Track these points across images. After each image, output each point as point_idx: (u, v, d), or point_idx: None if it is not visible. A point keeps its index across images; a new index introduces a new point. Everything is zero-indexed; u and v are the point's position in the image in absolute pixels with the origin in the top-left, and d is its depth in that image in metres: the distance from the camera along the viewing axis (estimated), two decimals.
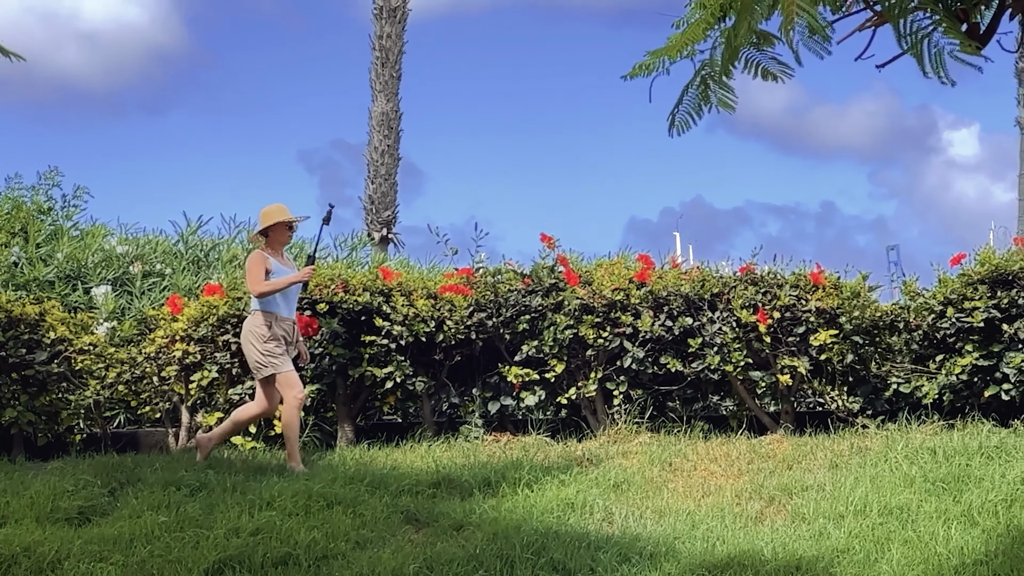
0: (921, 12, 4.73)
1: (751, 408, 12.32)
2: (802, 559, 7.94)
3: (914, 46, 4.66)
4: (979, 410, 11.72)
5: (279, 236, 11.29)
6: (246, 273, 11.06)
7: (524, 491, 9.77)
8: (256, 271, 10.97)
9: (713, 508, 9.35)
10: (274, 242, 11.26)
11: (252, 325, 11.01)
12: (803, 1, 4.54)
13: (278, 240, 11.29)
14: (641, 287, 12.21)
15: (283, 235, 11.33)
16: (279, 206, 11.31)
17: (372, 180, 30.23)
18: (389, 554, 8.20)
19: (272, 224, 11.21)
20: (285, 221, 11.26)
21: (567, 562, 8.03)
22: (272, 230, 11.23)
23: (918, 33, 4.65)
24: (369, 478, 9.98)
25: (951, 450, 10.24)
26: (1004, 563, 7.62)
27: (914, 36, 4.65)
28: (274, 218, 11.22)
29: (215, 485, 9.70)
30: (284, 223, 11.26)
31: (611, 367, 12.15)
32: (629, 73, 5.49)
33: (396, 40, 30.41)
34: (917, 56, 4.68)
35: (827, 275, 12.43)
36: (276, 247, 11.27)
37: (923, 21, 4.70)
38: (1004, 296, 11.71)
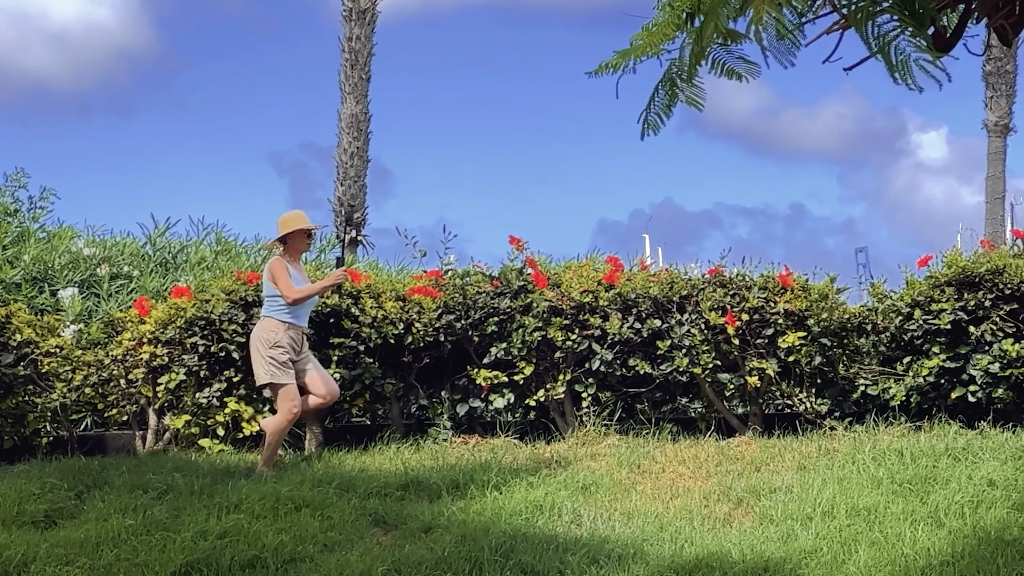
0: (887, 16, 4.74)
1: (719, 410, 12.34)
2: (770, 561, 7.96)
3: (881, 50, 4.67)
4: (946, 412, 11.76)
5: (297, 244, 11.25)
6: (273, 280, 10.97)
7: (492, 493, 9.76)
8: (286, 277, 10.92)
9: (681, 510, 9.36)
10: (292, 250, 11.22)
11: (261, 331, 11.00)
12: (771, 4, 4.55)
13: (296, 248, 11.26)
14: (610, 289, 12.22)
15: (301, 243, 11.29)
16: (298, 213, 11.28)
17: (341, 182, 30.16)
18: (357, 557, 8.19)
19: (291, 231, 11.16)
20: (304, 229, 11.21)
21: (535, 564, 8.02)
22: (291, 237, 11.19)
23: (884, 38, 4.66)
24: (337, 480, 9.96)
25: (918, 452, 10.28)
26: (970, 564, 7.65)
27: (880, 40, 4.66)
28: (293, 225, 11.16)
29: (182, 488, 9.67)
30: (303, 231, 11.21)
31: (579, 369, 12.15)
32: (595, 70, 5.49)
33: (365, 42, 30.34)
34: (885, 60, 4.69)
35: (795, 277, 12.45)
36: (294, 255, 11.24)
37: (889, 26, 4.71)
38: (971, 298, 11.75)
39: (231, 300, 12.08)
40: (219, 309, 12.00)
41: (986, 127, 34.30)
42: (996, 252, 12.33)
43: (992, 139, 34.26)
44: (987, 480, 9.38)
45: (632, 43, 5.32)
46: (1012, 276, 11.69)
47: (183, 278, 16.43)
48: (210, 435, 11.95)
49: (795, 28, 5.27)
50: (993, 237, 29.34)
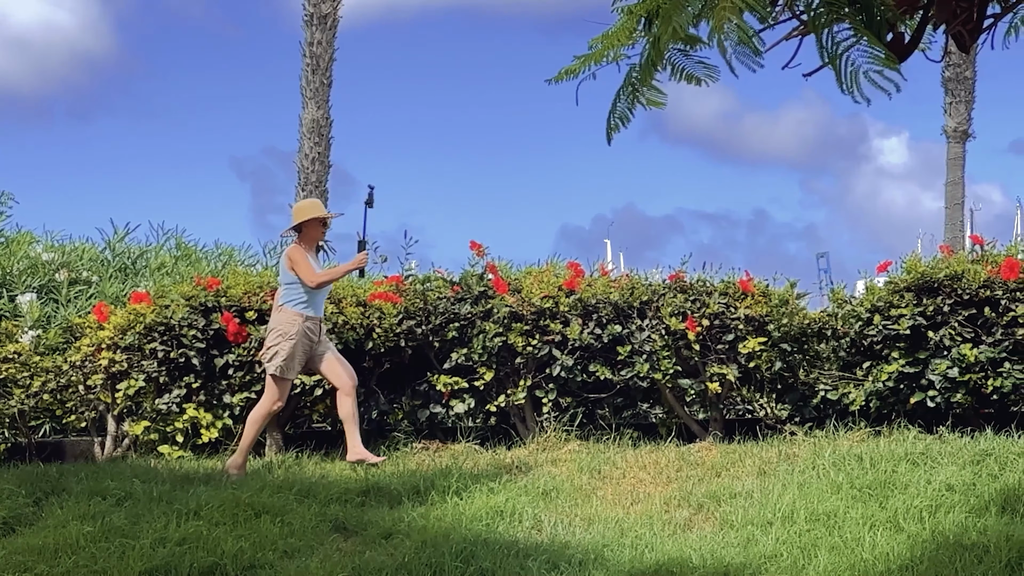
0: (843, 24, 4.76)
1: (680, 416, 12.35)
2: (730, 566, 7.98)
3: (832, 60, 4.69)
4: (905, 417, 11.79)
5: (312, 233, 11.23)
6: (293, 266, 10.94)
7: (453, 499, 9.75)
8: (306, 262, 10.90)
9: (642, 515, 9.38)
10: (307, 238, 11.20)
11: (280, 320, 10.96)
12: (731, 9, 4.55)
13: (311, 237, 11.24)
14: (570, 295, 12.22)
15: (316, 232, 11.27)
16: (313, 201, 11.31)
17: (303, 187, 30.05)
18: (317, 563, 8.17)
19: (306, 220, 11.14)
20: (319, 217, 11.20)
21: (496, 570, 8.03)
22: (306, 226, 11.18)
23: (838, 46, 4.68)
24: (297, 486, 9.93)
25: (878, 456, 10.31)
26: (929, 568, 7.69)
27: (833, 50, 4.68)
28: (308, 214, 11.16)
29: (141, 495, 9.62)
30: (318, 219, 11.20)
31: (540, 375, 12.14)
32: (555, 77, 5.49)
33: (327, 47, 30.26)
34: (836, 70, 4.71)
35: (756, 283, 12.47)
36: (309, 244, 11.21)
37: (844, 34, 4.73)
38: (930, 304, 11.79)
39: (191, 306, 12.03)
40: (179, 315, 11.95)
41: (945, 133, 34.46)
42: (955, 258, 12.39)
43: (951, 145, 34.42)
44: (945, 484, 9.42)
45: (591, 47, 5.32)
46: (970, 281, 11.74)
47: (143, 284, 16.35)
48: (169, 441, 11.91)
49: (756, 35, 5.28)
50: (953, 243, 29.49)
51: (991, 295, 11.71)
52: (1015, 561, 7.74)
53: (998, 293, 11.69)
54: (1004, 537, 8.02)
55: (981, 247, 12.66)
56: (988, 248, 12.58)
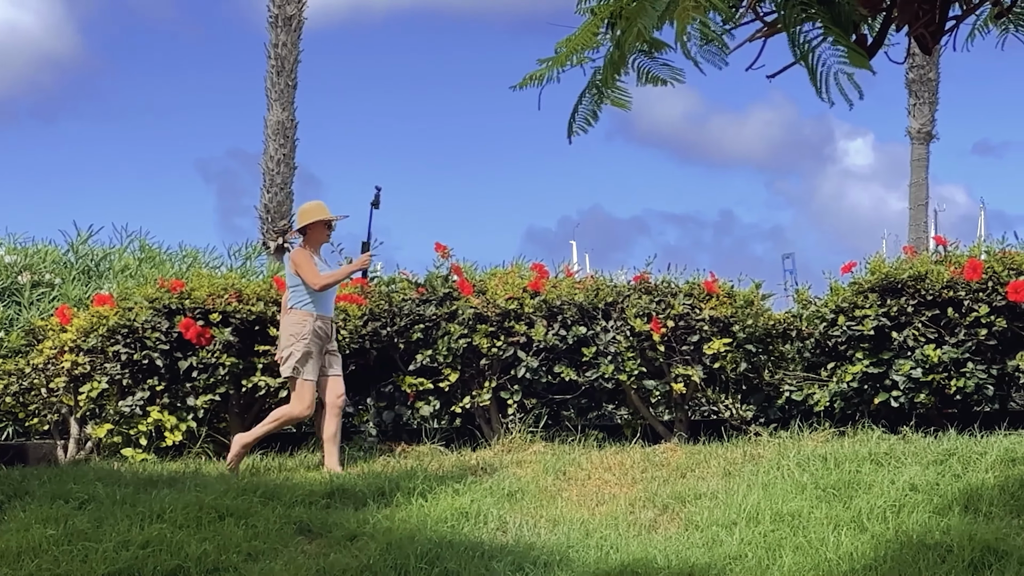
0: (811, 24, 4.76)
1: (645, 417, 12.36)
2: (695, 567, 7.99)
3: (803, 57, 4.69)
4: (869, 417, 11.83)
5: (317, 235, 11.27)
6: (297, 269, 10.97)
7: (418, 501, 9.73)
8: (311, 265, 10.92)
9: (607, 517, 9.37)
10: (312, 240, 11.24)
11: (290, 323, 11.01)
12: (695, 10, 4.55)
13: (316, 239, 11.29)
14: (535, 296, 12.22)
15: (321, 234, 11.31)
16: (318, 203, 11.27)
17: (268, 189, 30.00)
18: (281, 566, 8.15)
19: (311, 222, 11.11)
20: (324, 219, 11.17)
21: (461, 572, 8.03)
22: (310, 228, 11.21)
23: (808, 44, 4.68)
24: (262, 489, 9.90)
25: (842, 457, 10.33)
26: (893, 568, 7.71)
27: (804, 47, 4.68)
28: (313, 216, 11.17)
29: (104, 498, 9.57)
30: (323, 222, 11.19)
31: (505, 376, 12.14)
32: (519, 83, 5.48)
33: (292, 49, 30.20)
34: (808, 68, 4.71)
35: (721, 284, 12.49)
36: (314, 246, 11.27)
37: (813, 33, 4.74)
38: (894, 304, 11.83)
39: (154, 308, 11.98)
40: (142, 317, 11.91)
41: (909, 134, 34.63)
42: (918, 258, 12.43)
43: (915, 146, 34.60)
44: (909, 484, 9.45)
45: (556, 51, 5.31)
46: (934, 282, 11.79)
47: (106, 286, 16.27)
48: (133, 444, 11.86)
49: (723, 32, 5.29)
50: (917, 244, 29.62)
51: (954, 296, 11.76)
52: (978, 560, 7.77)
53: (961, 294, 11.74)
54: (967, 536, 8.05)
55: (944, 248, 12.71)
56: (951, 249, 12.63)
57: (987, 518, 8.64)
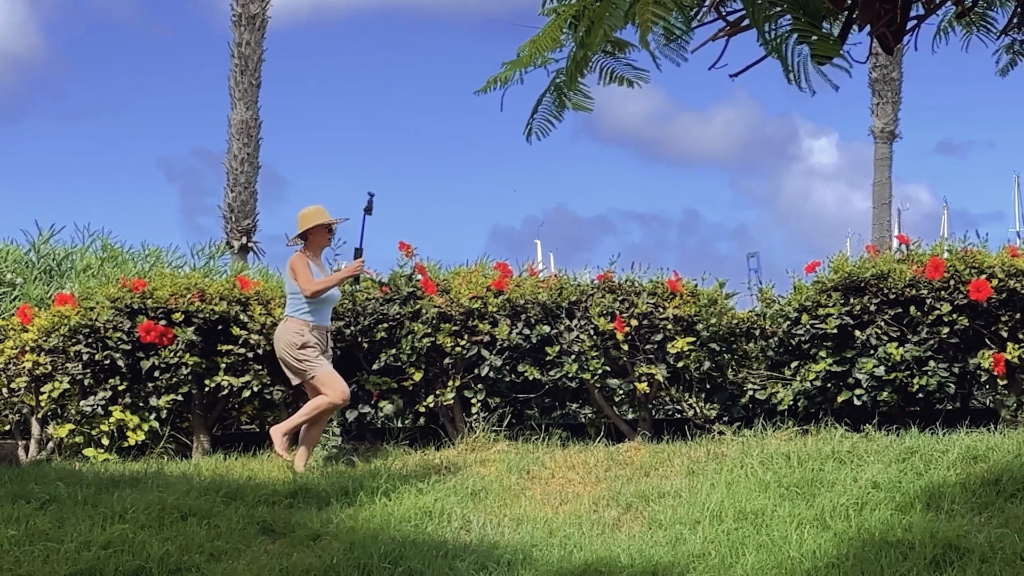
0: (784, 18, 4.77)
1: (609, 416, 12.36)
2: (658, 565, 8.01)
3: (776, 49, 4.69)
4: (832, 415, 11.86)
5: (318, 239, 11.23)
6: (293, 275, 10.95)
7: (382, 500, 9.73)
8: (306, 271, 10.88)
9: (571, 515, 9.39)
10: (313, 245, 11.20)
11: (285, 332, 10.95)
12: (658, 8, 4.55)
13: (317, 244, 11.24)
14: (499, 295, 12.21)
15: (322, 238, 11.27)
16: (318, 208, 11.21)
17: (231, 188, 29.98)
18: (244, 566, 8.15)
19: (311, 227, 11.08)
20: (325, 223, 11.14)
21: (424, 571, 8.04)
22: (311, 233, 11.15)
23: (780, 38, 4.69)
24: (225, 489, 9.88)
25: (805, 455, 10.37)
26: (855, 566, 7.75)
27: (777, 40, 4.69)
28: (313, 221, 11.12)
29: (66, 498, 9.53)
30: (323, 226, 11.16)
31: (469, 375, 12.12)
32: (482, 87, 5.47)
33: (255, 48, 30.17)
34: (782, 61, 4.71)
35: (685, 283, 12.51)
36: (315, 251, 11.22)
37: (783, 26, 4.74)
38: (857, 303, 11.87)
39: (116, 308, 11.93)
40: (104, 317, 11.86)
41: (873, 133, 34.76)
42: (881, 257, 12.48)
43: (879, 145, 34.74)
44: (872, 482, 9.49)
45: (519, 54, 5.31)
46: (896, 281, 11.83)
47: (68, 285, 16.19)
48: (94, 444, 11.81)
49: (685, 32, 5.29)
50: (880, 242, 29.72)
51: (916, 294, 11.82)
52: (939, 557, 7.82)
53: (923, 292, 11.79)
54: (929, 534, 8.09)
55: (907, 247, 12.76)
56: (914, 248, 12.68)
57: (948, 516, 8.68)
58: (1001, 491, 9.14)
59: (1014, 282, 11.72)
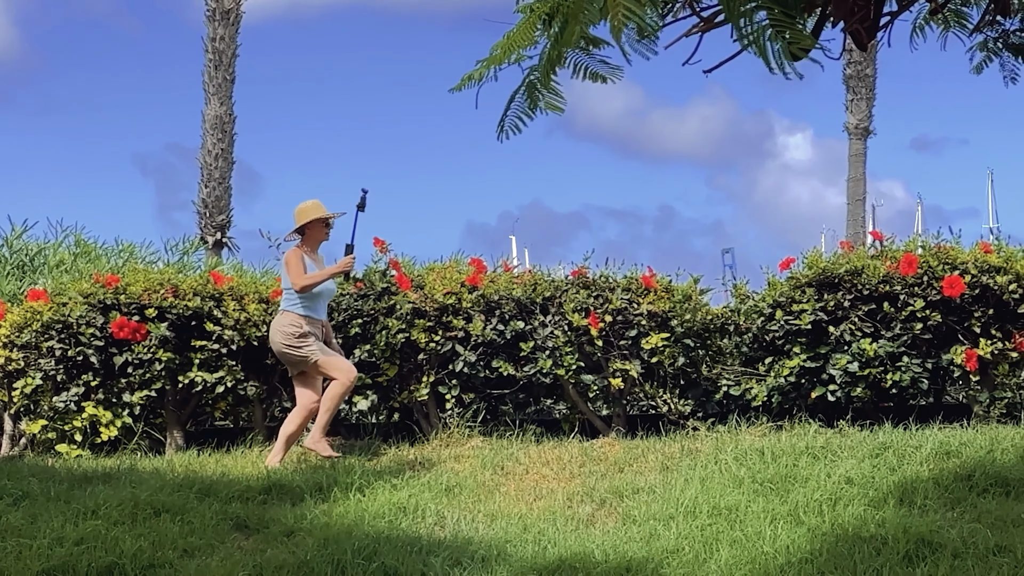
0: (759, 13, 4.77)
1: (583, 411, 12.37)
2: (632, 561, 8.01)
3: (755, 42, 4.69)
4: (806, 411, 11.89)
5: (315, 234, 11.22)
6: (286, 269, 10.95)
7: (356, 496, 9.71)
8: (297, 266, 10.87)
9: (545, 511, 9.38)
10: (310, 240, 11.20)
11: (281, 325, 10.94)
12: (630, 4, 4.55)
13: (314, 238, 11.23)
14: (473, 291, 12.20)
15: (320, 233, 11.25)
16: (315, 202, 11.19)
17: (206, 184, 29.95)
18: (217, 562, 8.12)
19: (308, 222, 11.07)
20: (322, 218, 11.13)
21: (399, 567, 8.01)
22: (308, 228, 11.15)
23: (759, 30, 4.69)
24: (198, 485, 9.84)
25: (779, 451, 10.39)
26: (828, 560, 7.76)
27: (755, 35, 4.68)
28: (310, 215, 11.12)
29: (38, 494, 9.49)
30: (320, 220, 11.14)
31: (443, 371, 12.12)
32: (457, 85, 5.46)
33: (229, 43, 30.14)
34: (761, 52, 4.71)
35: (659, 279, 12.52)
36: (312, 245, 11.22)
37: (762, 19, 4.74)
38: (831, 299, 11.90)
39: (89, 303, 11.89)
40: (77, 312, 11.82)
41: (847, 130, 34.86)
42: (855, 253, 12.51)
43: (853, 142, 34.84)
44: (845, 478, 9.51)
45: (492, 52, 5.30)
46: (870, 277, 11.87)
47: (41, 281, 16.15)
48: (67, 440, 11.77)
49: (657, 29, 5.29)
50: (854, 238, 29.83)
51: (890, 290, 11.86)
52: (912, 553, 7.83)
53: (897, 288, 11.83)
54: (902, 529, 8.11)
55: (881, 243, 12.79)
56: (888, 244, 12.71)
57: (921, 511, 8.71)
58: (973, 486, 9.18)
59: (987, 278, 11.77)
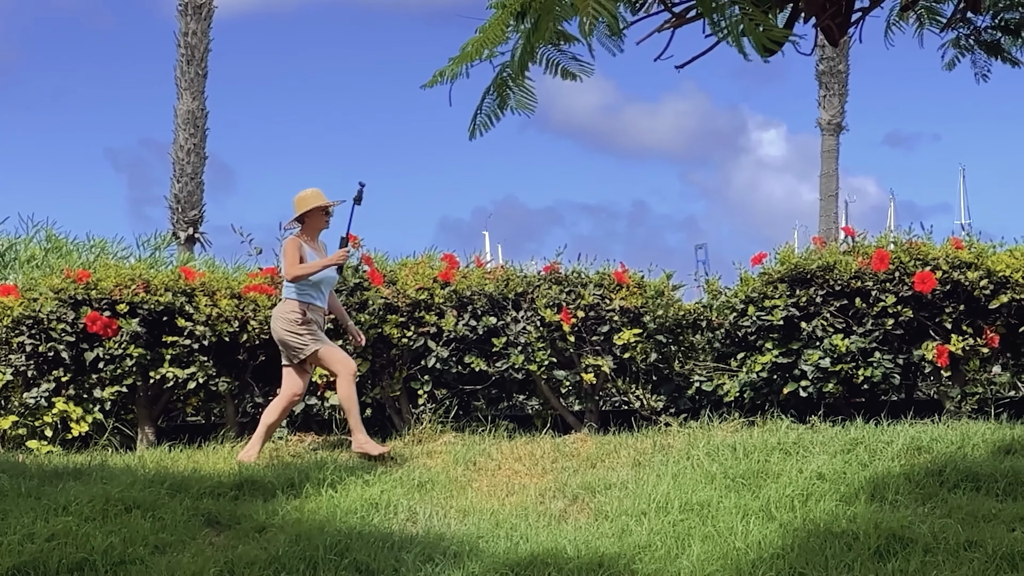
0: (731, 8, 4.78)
1: (555, 407, 12.37)
2: (604, 556, 8.02)
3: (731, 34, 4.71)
4: (778, 407, 11.91)
5: (315, 222, 11.21)
6: (282, 257, 11.01)
7: (328, 491, 9.70)
8: (292, 255, 10.86)
9: (517, 507, 9.39)
10: (310, 229, 11.20)
11: (283, 311, 10.94)
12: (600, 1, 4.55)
13: (314, 227, 11.23)
14: (445, 286, 12.19)
15: (319, 221, 11.24)
16: (315, 191, 11.17)
17: (178, 179, 29.86)
18: (189, 558, 8.09)
19: (308, 210, 11.07)
20: (322, 206, 11.12)
21: (371, 563, 8.01)
22: (308, 216, 11.15)
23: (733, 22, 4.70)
24: (169, 481, 9.81)
25: (751, 447, 10.41)
26: (800, 556, 7.78)
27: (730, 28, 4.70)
28: (310, 204, 11.12)
29: (8, 490, 9.43)
30: (320, 208, 11.13)
31: (416, 366, 12.11)
32: (428, 82, 5.47)
33: (202, 37, 30.06)
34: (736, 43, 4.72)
35: (631, 274, 12.53)
36: (312, 234, 11.21)
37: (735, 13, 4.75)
38: (803, 295, 11.93)
39: (60, 299, 11.83)
40: (47, 308, 11.76)
41: (820, 125, 34.93)
42: (827, 249, 12.54)
43: (825, 137, 34.92)
44: (817, 473, 9.54)
45: (463, 50, 5.30)
46: (842, 272, 11.90)
47: (12, 276, 16.09)
48: (38, 436, 11.71)
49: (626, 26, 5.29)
50: (827, 234, 29.90)
51: (862, 286, 11.89)
52: (883, 548, 7.87)
53: (868, 284, 11.86)
54: (873, 524, 8.15)
55: (853, 238, 12.82)
56: (859, 239, 12.74)
57: (893, 506, 8.74)
58: (944, 482, 9.21)
59: (958, 274, 11.81)
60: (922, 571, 7.57)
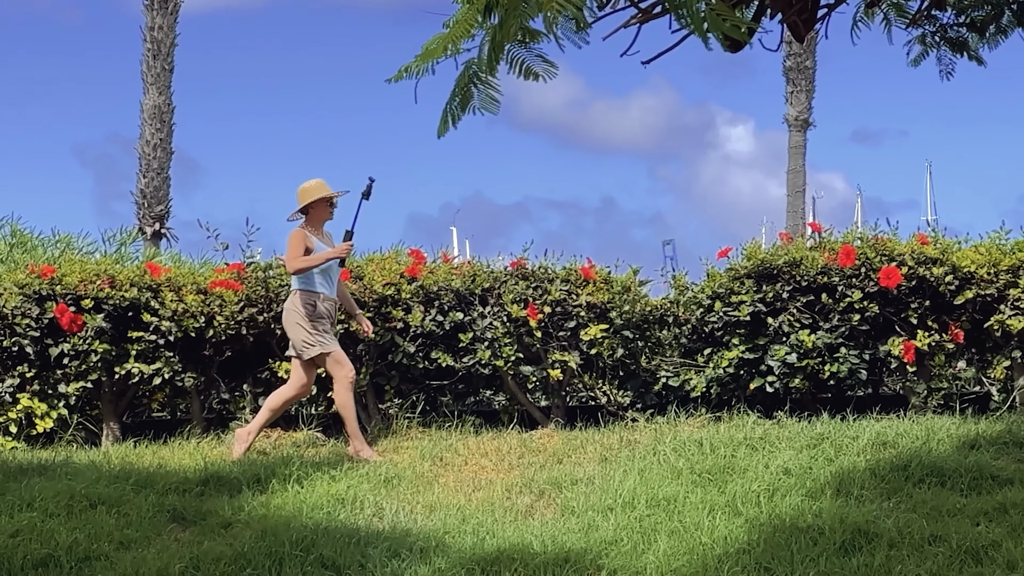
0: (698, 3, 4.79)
1: (522, 403, 12.37)
2: (571, 551, 8.02)
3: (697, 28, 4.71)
4: (745, 402, 11.94)
5: (320, 213, 11.18)
6: (286, 249, 10.93)
7: (294, 487, 9.68)
8: (295, 247, 10.83)
9: (483, 502, 9.39)
10: (315, 219, 11.16)
11: (294, 304, 10.90)
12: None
13: (319, 217, 11.20)
14: (412, 282, 12.18)
15: (324, 212, 11.21)
16: (318, 182, 11.14)
17: (144, 174, 29.72)
18: (154, 554, 8.08)
19: (312, 201, 11.03)
20: (326, 197, 11.08)
21: (336, 559, 8.00)
22: (312, 207, 11.11)
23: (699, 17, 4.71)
24: (135, 477, 9.78)
25: (717, 442, 10.43)
26: (765, 551, 7.80)
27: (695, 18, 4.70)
28: (314, 195, 11.08)
29: None
30: (325, 199, 11.10)
31: (382, 362, 12.10)
32: (394, 77, 5.45)
33: (168, 32, 29.93)
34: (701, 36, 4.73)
35: (598, 270, 12.53)
36: (317, 224, 11.18)
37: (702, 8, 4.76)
38: (769, 290, 11.95)
39: (24, 294, 11.78)
40: (12, 303, 11.71)
41: (787, 121, 35.00)
42: (794, 244, 12.58)
43: (793, 133, 34.99)
44: (783, 468, 9.57)
45: (429, 45, 5.29)
46: (808, 268, 11.92)
47: None
48: (2, 432, 11.66)
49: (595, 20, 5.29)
50: (794, 230, 29.95)
51: (828, 281, 11.92)
52: (849, 543, 7.89)
53: (835, 279, 11.90)
54: (838, 519, 8.17)
55: (819, 234, 12.86)
56: (826, 235, 12.78)
57: (858, 501, 8.77)
58: (909, 477, 9.24)
59: (923, 269, 11.85)
60: (887, 565, 7.60)
